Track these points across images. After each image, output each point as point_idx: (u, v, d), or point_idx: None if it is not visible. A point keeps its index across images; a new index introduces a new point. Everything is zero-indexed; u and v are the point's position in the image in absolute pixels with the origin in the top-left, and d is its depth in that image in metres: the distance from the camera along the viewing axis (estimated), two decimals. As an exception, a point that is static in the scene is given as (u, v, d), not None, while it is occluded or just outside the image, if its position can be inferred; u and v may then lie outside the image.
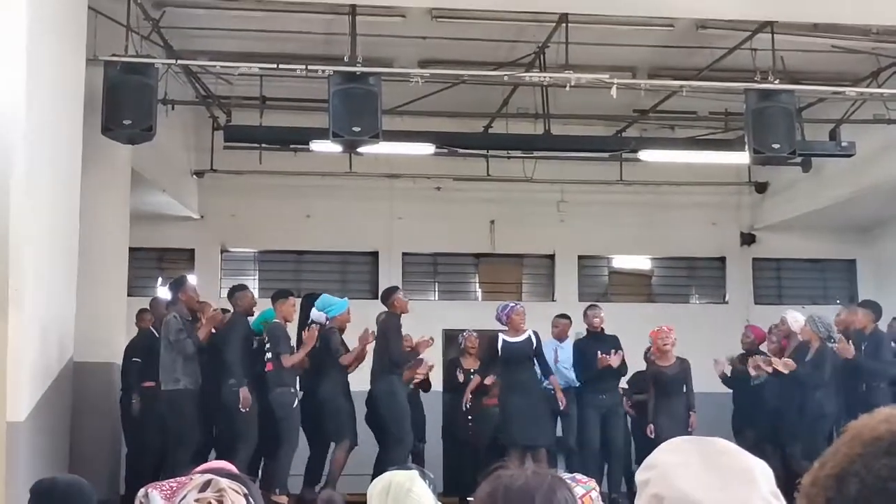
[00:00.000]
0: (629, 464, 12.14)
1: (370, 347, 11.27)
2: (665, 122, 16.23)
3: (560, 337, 12.64)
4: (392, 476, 3.89)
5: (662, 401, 11.42)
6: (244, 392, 10.44)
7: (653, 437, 11.02)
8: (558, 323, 12.81)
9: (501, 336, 11.64)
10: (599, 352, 11.82)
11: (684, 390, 11.42)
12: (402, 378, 11.59)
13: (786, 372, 11.14)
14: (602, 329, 12.18)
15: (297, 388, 10.85)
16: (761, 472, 1.91)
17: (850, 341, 11.17)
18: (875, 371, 11.13)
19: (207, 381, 10.72)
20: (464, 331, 13.34)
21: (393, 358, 11.28)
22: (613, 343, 12.02)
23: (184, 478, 2.81)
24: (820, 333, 11.23)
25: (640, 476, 1.97)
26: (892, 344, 11.53)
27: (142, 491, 2.86)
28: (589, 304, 12.65)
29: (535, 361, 11.59)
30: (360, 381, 11.51)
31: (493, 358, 11.81)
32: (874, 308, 11.67)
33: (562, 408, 11.74)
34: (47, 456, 8.85)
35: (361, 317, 11.77)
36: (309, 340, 10.71)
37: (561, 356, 12.25)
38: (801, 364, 11.12)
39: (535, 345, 11.55)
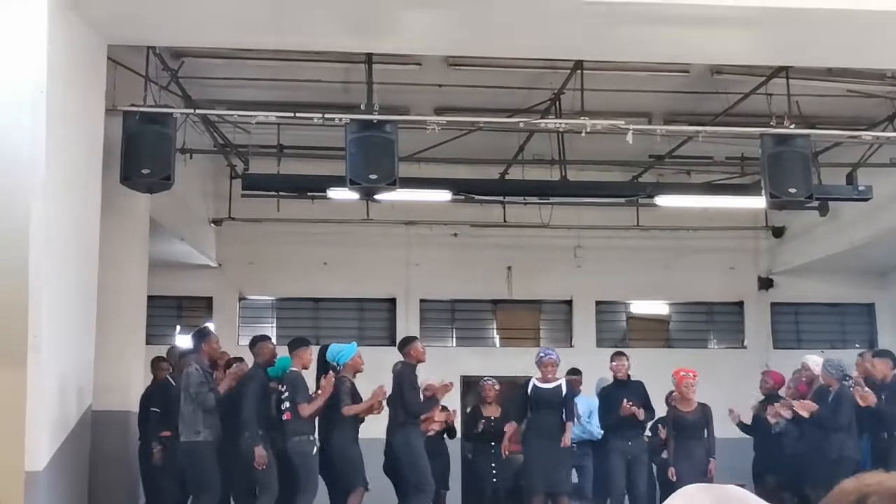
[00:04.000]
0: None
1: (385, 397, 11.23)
2: (681, 168, 16.24)
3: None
4: None
5: (682, 445, 11.38)
6: (259, 451, 10.41)
7: (674, 479, 10.99)
8: (569, 379, 12.72)
9: (533, 380, 11.63)
10: (625, 399, 11.75)
11: (705, 435, 11.37)
12: (418, 428, 11.53)
13: (806, 415, 11.07)
14: (628, 376, 12.12)
15: (315, 437, 10.82)
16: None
17: (867, 389, 11.07)
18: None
19: (225, 431, 10.70)
20: (483, 378, 13.26)
21: (408, 408, 11.24)
22: (639, 390, 11.96)
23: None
24: (835, 376, 11.19)
25: None
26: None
27: None
28: (615, 351, 12.56)
29: (563, 409, 11.54)
30: (377, 429, 11.48)
31: (522, 402, 11.77)
32: (891, 356, 11.57)
33: (561, 445, 11.57)
34: (65, 505, 8.84)
35: (378, 363, 11.76)
36: (326, 389, 10.68)
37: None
38: (822, 407, 11.06)
39: (564, 392, 11.53)
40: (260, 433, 10.52)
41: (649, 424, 12.25)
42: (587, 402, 12.55)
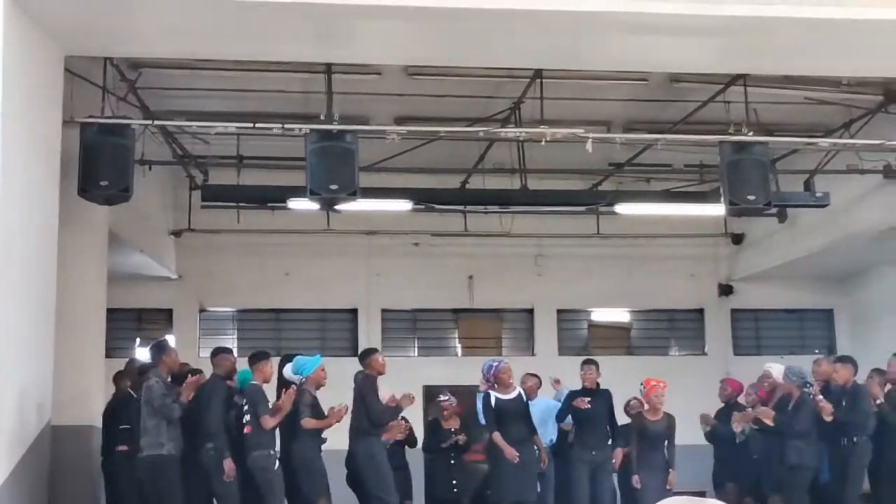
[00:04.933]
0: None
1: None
2: (641, 176, 16.32)
3: (529, 395, 12.43)
4: None
5: (645, 454, 11.41)
6: (228, 463, 10.32)
7: (639, 486, 11.01)
8: (527, 380, 12.67)
9: (493, 394, 11.56)
10: (580, 399, 11.78)
11: (665, 446, 11.41)
12: (380, 438, 11.48)
13: (769, 423, 11.13)
14: (597, 384, 12.11)
15: (277, 450, 10.73)
16: None
17: (829, 395, 11.15)
18: (856, 425, 11.10)
19: (185, 445, 10.61)
20: (442, 394, 13.14)
21: (371, 418, 11.20)
22: (606, 399, 11.97)
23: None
24: (795, 383, 11.25)
25: None
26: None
27: None
28: (585, 358, 12.49)
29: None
30: (339, 441, 11.42)
31: (489, 413, 11.71)
32: (853, 362, 11.66)
33: (543, 467, 11.65)
34: (25, 521, 8.74)
35: (340, 374, 11.68)
36: (286, 404, 10.59)
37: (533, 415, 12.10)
38: (783, 414, 11.12)
39: (524, 401, 11.55)
40: (227, 445, 10.44)
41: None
42: (545, 405, 12.51)
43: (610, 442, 11.97)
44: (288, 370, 11.11)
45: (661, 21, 9.41)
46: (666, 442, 11.41)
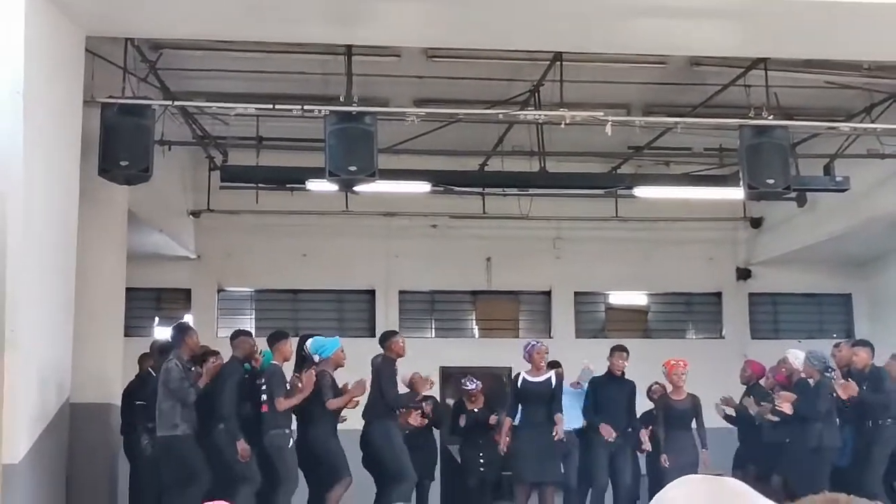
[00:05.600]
0: (636, 499, 12.17)
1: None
2: (660, 159, 16.28)
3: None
4: None
5: (672, 435, 11.44)
6: (241, 444, 10.42)
7: (667, 465, 11.04)
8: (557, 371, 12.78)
9: (523, 374, 11.64)
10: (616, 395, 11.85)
11: (694, 426, 11.43)
12: (396, 420, 11.53)
13: (789, 412, 11.14)
14: (623, 373, 12.14)
15: (291, 429, 10.80)
16: None
17: (850, 380, 11.17)
18: (881, 405, 11.11)
19: (201, 425, 10.69)
20: (468, 381, 13.19)
21: (387, 402, 11.25)
22: (629, 388, 12.02)
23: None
24: (817, 367, 11.26)
25: None
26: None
27: None
28: (616, 345, 12.52)
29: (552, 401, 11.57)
30: (353, 422, 11.46)
31: (512, 396, 11.81)
32: (871, 346, 11.68)
33: (555, 438, 11.64)
34: (43, 498, 8.81)
35: (357, 355, 11.74)
36: (306, 387, 10.65)
37: None
38: (803, 398, 11.13)
39: (553, 385, 11.56)
40: (238, 427, 10.52)
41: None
42: (570, 393, 12.57)
43: (630, 430, 12.02)
44: (309, 347, 11.19)
45: (681, 4, 9.40)
46: (693, 422, 11.44)
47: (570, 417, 12.16)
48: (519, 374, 11.76)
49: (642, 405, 12.61)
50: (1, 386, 8.04)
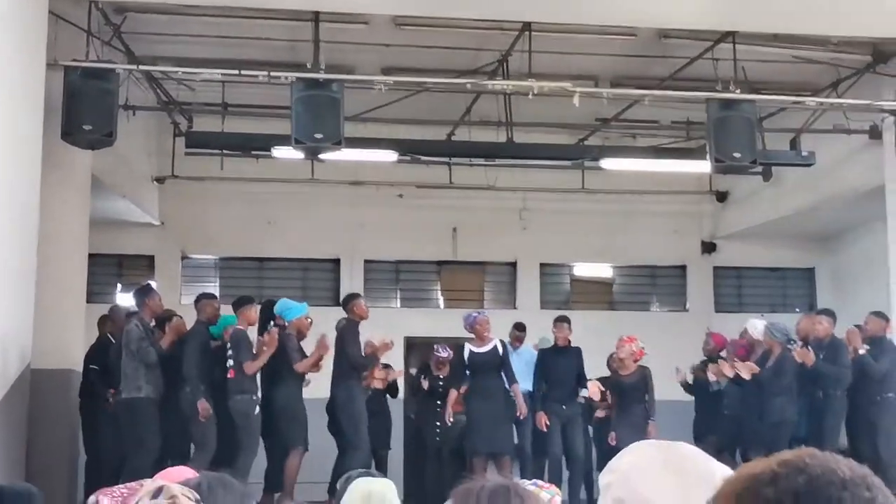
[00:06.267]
0: (590, 470, 12.20)
1: (328, 355, 11.23)
2: (627, 131, 16.28)
3: (514, 345, 12.73)
4: (368, 484, 3.85)
5: (622, 409, 11.48)
6: (202, 404, 10.40)
7: (614, 443, 11.06)
8: (513, 333, 12.89)
9: (468, 346, 11.66)
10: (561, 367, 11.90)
11: (645, 399, 11.46)
12: (360, 383, 11.56)
13: (747, 377, 11.21)
14: (568, 342, 12.19)
15: (258, 396, 10.79)
16: (722, 478, 1.90)
17: (809, 348, 11.26)
18: (833, 377, 11.21)
19: (166, 388, 10.68)
20: (441, 348, 13.19)
21: (351, 362, 11.26)
22: (576, 356, 12.06)
23: (135, 484, 2.77)
24: (779, 339, 11.33)
25: (602, 479, 1.97)
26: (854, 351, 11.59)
27: (92, 498, 2.83)
28: (557, 316, 12.62)
29: (502, 370, 11.62)
30: (320, 388, 11.47)
31: (460, 367, 11.84)
32: (833, 315, 11.79)
33: (520, 417, 11.77)
34: (3, 464, 8.76)
35: (322, 323, 11.74)
36: (270, 344, 10.65)
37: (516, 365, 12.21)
38: (764, 370, 11.21)
39: (501, 353, 11.60)
40: (202, 388, 10.51)
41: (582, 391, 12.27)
42: (530, 356, 12.61)
43: (582, 399, 12.08)
44: (276, 308, 11.20)
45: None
46: (645, 396, 11.46)
47: (523, 381, 12.17)
48: (464, 345, 11.77)
49: (601, 374, 12.65)
50: (-40, 350, 7.97)
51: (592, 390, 11.89)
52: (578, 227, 17.45)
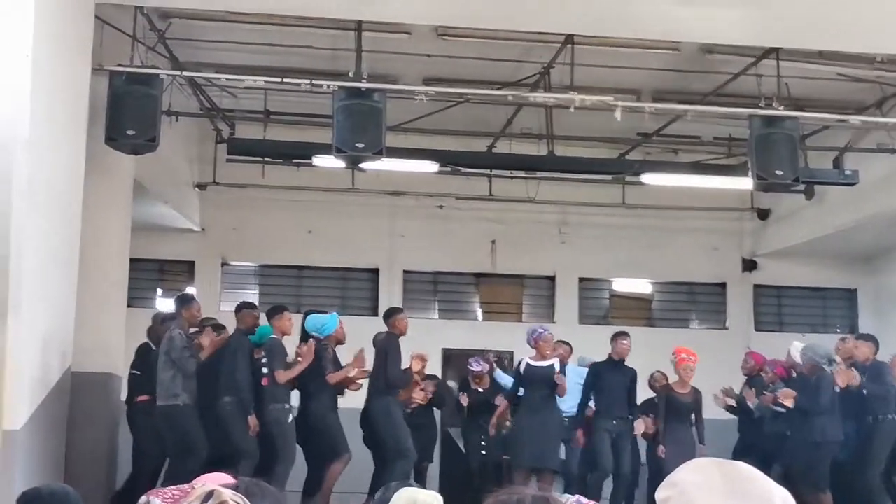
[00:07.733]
0: (633, 489, 12.17)
1: (363, 373, 11.24)
2: (668, 146, 16.23)
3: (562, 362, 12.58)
4: (415, 494, 3.80)
5: (672, 426, 11.38)
6: (253, 420, 10.47)
7: (664, 457, 10.96)
8: (558, 347, 12.72)
9: (526, 359, 11.63)
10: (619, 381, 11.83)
11: (693, 420, 11.38)
12: (396, 398, 11.50)
13: (790, 405, 11.11)
14: (623, 360, 12.07)
15: (291, 404, 10.81)
16: (781, 501, 1.89)
17: (853, 369, 11.13)
18: (880, 398, 11.07)
19: (202, 396, 10.70)
20: (476, 362, 13.14)
21: (390, 379, 11.21)
22: (631, 377, 11.94)
23: (186, 486, 2.78)
24: (818, 362, 11.21)
25: (660, 494, 1.95)
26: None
27: (143, 498, 2.84)
28: (618, 330, 12.46)
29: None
30: (355, 399, 11.47)
31: (514, 382, 11.84)
32: (874, 340, 11.64)
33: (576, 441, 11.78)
34: (43, 465, 8.81)
35: (359, 334, 11.74)
36: (306, 357, 10.67)
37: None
38: (804, 393, 11.09)
39: (557, 371, 11.52)
40: (250, 400, 10.55)
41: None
42: (577, 373, 12.52)
43: (630, 417, 11.98)
44: (308, 327, 11.19)
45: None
46: (693, 416, 11.39)
47: (575, 400, 12.10)
48: (522, 359, 11.74)
49: (643, 394, 12.56)
50: (3, 353, 8.02)
51: (639, 428, 11.82)
52: (618, 242, 17.38)
